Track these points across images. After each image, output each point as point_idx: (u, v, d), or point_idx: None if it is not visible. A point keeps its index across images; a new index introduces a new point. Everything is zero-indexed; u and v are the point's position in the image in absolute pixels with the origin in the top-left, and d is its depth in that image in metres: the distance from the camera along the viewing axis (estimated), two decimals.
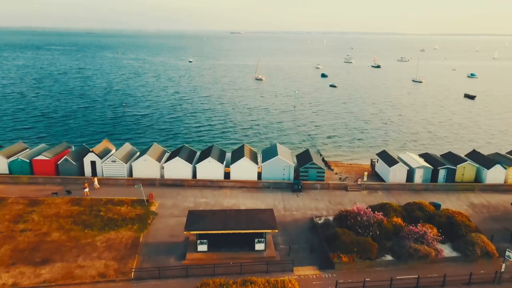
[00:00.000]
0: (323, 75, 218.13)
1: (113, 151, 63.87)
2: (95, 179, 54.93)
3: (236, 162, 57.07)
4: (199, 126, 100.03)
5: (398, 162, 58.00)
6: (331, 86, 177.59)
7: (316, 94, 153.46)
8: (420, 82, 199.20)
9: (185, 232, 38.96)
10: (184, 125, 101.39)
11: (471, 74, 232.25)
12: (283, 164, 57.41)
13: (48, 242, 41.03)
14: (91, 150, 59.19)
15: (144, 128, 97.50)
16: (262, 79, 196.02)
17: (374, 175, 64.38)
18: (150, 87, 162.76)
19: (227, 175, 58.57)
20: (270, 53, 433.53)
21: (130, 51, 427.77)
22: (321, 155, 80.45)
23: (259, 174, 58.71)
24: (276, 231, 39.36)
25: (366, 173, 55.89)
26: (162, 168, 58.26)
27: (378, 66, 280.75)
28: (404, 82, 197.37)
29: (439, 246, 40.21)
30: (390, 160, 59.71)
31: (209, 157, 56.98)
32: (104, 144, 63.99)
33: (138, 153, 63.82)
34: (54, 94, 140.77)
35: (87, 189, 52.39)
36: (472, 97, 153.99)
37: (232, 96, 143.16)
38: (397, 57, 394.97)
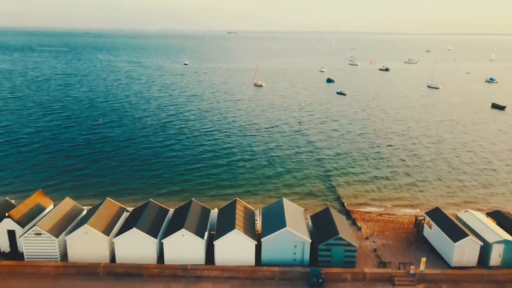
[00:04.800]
0: (329, 80, 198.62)
1: (49, 208, 44.61)
2: None
3: (224, 237, 37.67)
4: (180, 157, 77.23)
5: (467, 235, 38.58)
6: (339, 93, 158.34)
7: (324, 105, 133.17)
8: (437, 88, 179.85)
9: None
10: (161, 155, 78.11)
11: (490, 79, 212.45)
12: (293, 239, 38.16)
13: None
14: (6, 214, 39.81)
15: (110, 160, 74.55)
16: (262, 85, 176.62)
17: (420, 240, 45.59)
18: (135, 97, 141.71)
19: (210, 251, 39.35)
20: (271, 54, 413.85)
21: (125, 52, 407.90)
22: (339, 197, 61.44)
23: (258, 247, 39.35)
24: None
25: (423, 259, 36.19)
26: (113, 242, 39.08)
27: (387, 69, 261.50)
28: (420, 89, 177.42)
29: None
30: (451, 228, 40.31)
31: (183, 229, 37.67)
32: (35, 199, 44.50)
33: (84, 212, 44.54)
34: (23, 108, 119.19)
35: None
36: (502, 108, 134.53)
37: (226, 111, 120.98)
38: (403, 58, 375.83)
